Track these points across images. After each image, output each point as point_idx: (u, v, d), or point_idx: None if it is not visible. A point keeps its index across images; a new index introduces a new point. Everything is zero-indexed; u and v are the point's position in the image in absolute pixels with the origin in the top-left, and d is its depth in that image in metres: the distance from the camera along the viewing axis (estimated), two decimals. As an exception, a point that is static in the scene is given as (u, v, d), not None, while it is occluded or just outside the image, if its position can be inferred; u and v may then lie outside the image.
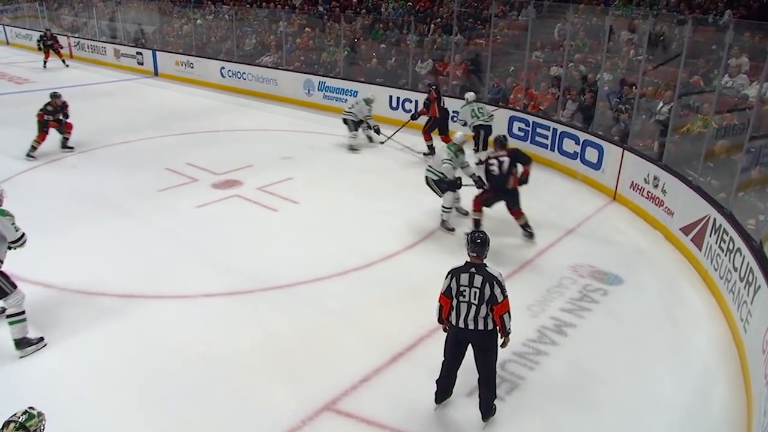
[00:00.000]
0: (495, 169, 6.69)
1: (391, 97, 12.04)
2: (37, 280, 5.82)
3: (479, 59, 11.93)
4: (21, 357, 4.76)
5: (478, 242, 3.97)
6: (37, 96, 14.72)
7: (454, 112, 10.37)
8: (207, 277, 6.06)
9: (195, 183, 8.66)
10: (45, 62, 18.20)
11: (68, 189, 8.38)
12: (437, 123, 10.06)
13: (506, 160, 6.68)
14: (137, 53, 18.22)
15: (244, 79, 15.06)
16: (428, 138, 10.12)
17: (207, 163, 9.37)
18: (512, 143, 9.83)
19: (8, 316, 4.82)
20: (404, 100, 11.86)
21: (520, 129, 10.18)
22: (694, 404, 4.51)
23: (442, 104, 10.06)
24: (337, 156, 10.11)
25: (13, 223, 4.94)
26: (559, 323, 5.36)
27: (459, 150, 7.22)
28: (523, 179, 6.80)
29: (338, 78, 13.35)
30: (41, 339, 4.92)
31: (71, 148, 9.91)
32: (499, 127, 9.51)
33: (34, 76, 16.91)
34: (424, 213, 7.50)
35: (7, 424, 2.93)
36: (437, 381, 4.23)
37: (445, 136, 9.73)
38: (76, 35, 21.00)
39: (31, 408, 2.98)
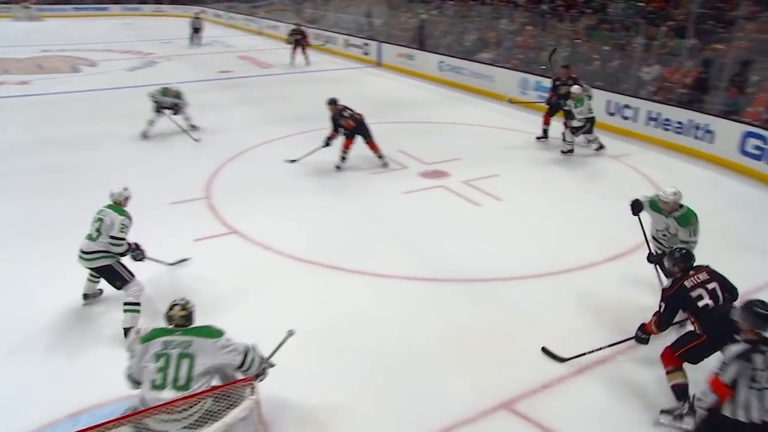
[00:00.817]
0: (707, 301, 4.10)
1: (609, 102, 11.46)
2: (259, 241, 6.68)
3: (713, 66, 10.88)
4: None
5: (762, 316, 3.35)
6: (278, 79, 16.60)
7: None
8: (405, 260, 6.36)
9: (404, 170, 9.09)
10: (292, 58, 18.60)
11: (294, 164, 9.28)
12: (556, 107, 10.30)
13: (715, 285, 4.19)
14: (364, 44, 19.44)
15: (461, 73, 15.33)
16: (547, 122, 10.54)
17: (417, 152, 9.77)
18: (744, 162, 8.99)
19: (125, 304, 5.08)
20: (623, 106, 11.21)
21: (756, 147, 9.12)
22: None
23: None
24: (545, 157, 9.92)
25: (124, 228, 5.07)
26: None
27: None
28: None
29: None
30: None
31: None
32: (724, 142, 8.72)
33: (276, 62, 18.84)
34: (628, 227, 7.10)
35: (172, 306, 3.73)
36: None
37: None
38: (314, 26, 22.96)
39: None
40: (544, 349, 4.82)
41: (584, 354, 4.66)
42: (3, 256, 6.37)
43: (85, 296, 5.53)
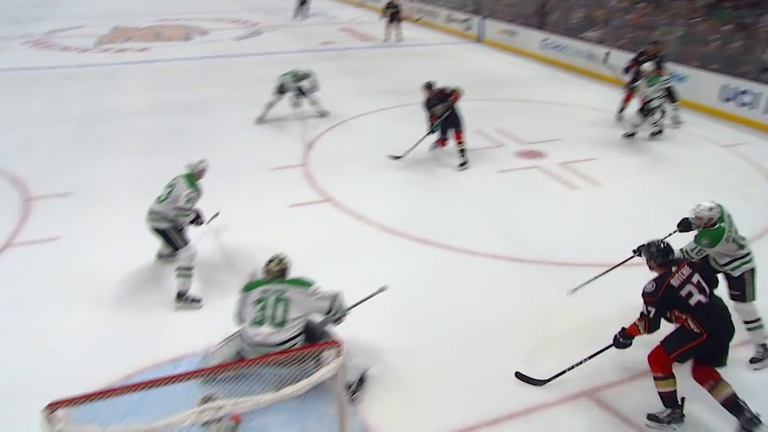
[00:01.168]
0: (698, 297, 3.82)
1: (724, 86, 10.70)
2: (351, 210, 6.87)
3: None
4: (176, 309, 5.15)
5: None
6: (377, 52, 16.69)
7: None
8: (494, 239, 6.31)
9: (500, 148, 8.96)
10: (387, 34, 18.19)
11: (390, 135, 9.35)
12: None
13: (698, 277, 3.93)
14: (466, 19, 19.10)
15: (565, 52, 14.80)
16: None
17: (515, 131, 9.59)
18: None
19: (177, 269, 5.23)
20: (741, 92, 10.43)
21: None
22: None
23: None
24: (649, 143, 9.45)
25: (190, 199, 5.22)
26: None
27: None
28: None
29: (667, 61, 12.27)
30: (199, 300, 5.22)
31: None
32: None
33: (377, 35, 18.89)
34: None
35: (270, 260, 4.28)
36: None
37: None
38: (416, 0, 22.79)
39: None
40: (518, 375, 4.39)
41: (560, 374, 4.28)
42: (113, 209, 6.87)
43: (159, 256, 5.82)
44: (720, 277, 4.44)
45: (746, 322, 4.56)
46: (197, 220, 5.58)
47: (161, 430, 2.70)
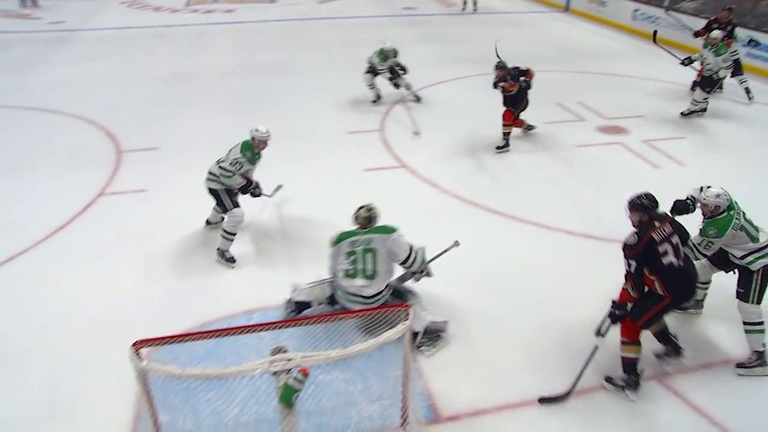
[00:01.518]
0: (672, 258, 3.79)
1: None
2: (426, 177, 6.92)
3: None
4: (217, 261, 5.30)
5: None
6: (459, 19, 16.37)
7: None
8: (569, 214, 6.17)
9: (581, 122, 8.68)
10: (464, 3, 17.42)
11: (469, 104, 9.23)
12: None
13: (677, 239, 3.89)
14: (555, -13, 18.36)
15: (657, 24, 14.01)
16: None
17: (597, 105, 9.24)
18: None
19: (222, 230, 5.30)
20: None
21: None
22: None
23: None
24: (740, 124, 8.89)
25: (235, 163, 5.24)
26: None
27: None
28: None
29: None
30: (233, 261, 5.31)
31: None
32: None
33: (459, 0, 18.45)
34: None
35: (359, 208, 4.49)
36: None
37: None
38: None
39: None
40: (541, 400, 3.98)
41: (578, 377, 4.00)
42: (194, 164, 7.09)
43: (207, 222, 5.88)
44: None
45: (746, 323, 4.18)
46: (251, 189, 5.53)
47: (233, 377, 2.84)
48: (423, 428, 3.59)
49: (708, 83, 8.69)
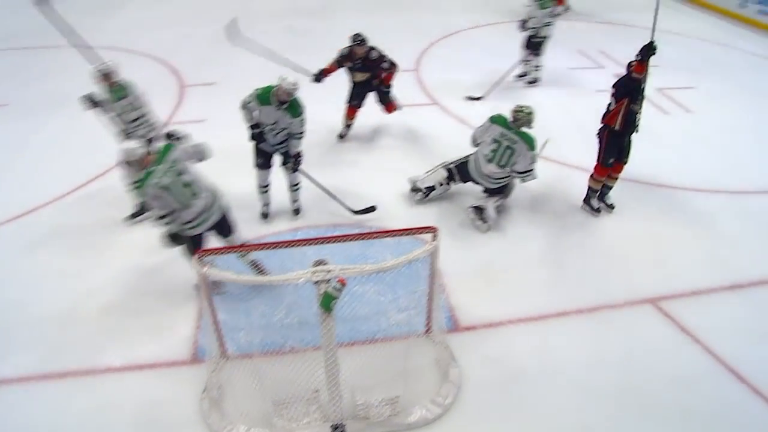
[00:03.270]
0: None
1: None
2: (456, 114, 6.87)
3: None
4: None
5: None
6: None
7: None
8: (585, 155, 5.89)
9: (600, 70, 8.33)
10: None
11: (499, 51, 8.74)
12: None
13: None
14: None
15: None
16: None
17: (618, 55, 8.79)
18: None
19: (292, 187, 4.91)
20: None
21: None
22: None
23: None
24: (750, 76, 8.42)
25: (246, 104, 4.57)
26: None
27: None
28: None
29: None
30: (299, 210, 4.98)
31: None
32: None
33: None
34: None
35: (522, 107, 4.64)
36: None
37: None
38: None
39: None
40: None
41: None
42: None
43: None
44: None
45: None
46: (297, 161, 4.72)
47: (280, 283, 2.91)
48: (444, 336, 3.68)
49: (533, 46, 7.16)
